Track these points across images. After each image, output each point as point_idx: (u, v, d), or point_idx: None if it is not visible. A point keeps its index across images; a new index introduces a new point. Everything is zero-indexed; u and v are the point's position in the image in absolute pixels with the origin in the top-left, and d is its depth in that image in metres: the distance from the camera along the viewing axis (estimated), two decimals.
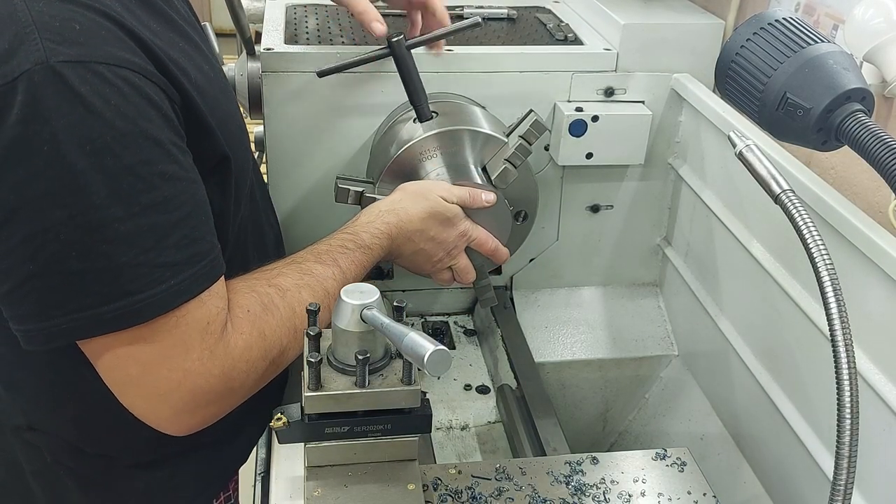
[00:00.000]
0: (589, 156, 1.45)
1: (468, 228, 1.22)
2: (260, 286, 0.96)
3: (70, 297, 0.81)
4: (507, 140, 1.29)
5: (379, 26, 1.27)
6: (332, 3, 1.63)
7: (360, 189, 1.26)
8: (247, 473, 1.36)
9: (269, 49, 1.37)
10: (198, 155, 0.90)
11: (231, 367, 0.90)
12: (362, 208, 1.27)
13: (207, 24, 1.53)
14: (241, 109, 1.46)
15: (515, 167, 1.26)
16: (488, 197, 1.23)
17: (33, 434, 1.06)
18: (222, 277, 0.91)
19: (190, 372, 0.87)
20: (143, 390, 0.88)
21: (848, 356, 0.76)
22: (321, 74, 1.17)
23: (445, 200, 1.19)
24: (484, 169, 1.30)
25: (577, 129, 1.42)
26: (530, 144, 1.25)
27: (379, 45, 1.31)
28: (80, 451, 1.06)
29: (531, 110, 1.27)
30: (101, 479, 1.09)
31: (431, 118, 1.28)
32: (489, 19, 1.59)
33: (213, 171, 0.95)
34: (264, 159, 1.49)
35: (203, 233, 0.88)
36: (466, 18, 1.58)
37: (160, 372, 0.87)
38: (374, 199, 1.25)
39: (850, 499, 0.76)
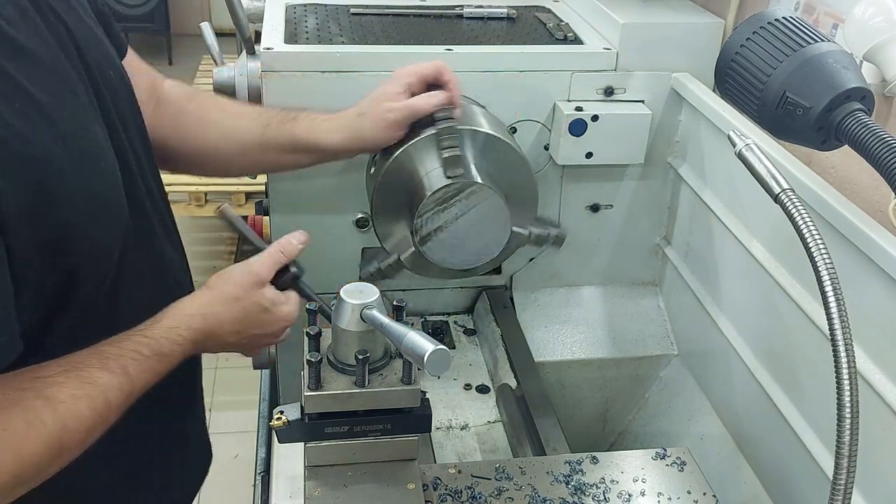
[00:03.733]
0: (589, 155, 1.45)
1: (288, 312, 1.07)
2: (27, 398, 0.83)
3: None
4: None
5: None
6: (331, 3, 1.64)
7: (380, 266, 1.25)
8: (247, 473, 1.36)
9: (268, 48, 1.37)
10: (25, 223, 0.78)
11: None
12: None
13: (207, 24, 1.54)
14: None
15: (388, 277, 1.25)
16: (298, 238, 1.10)
17: None
18: None
19: None
20: None
21: (848, 356, 0.76)
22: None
23: (258, 286, 1.05)
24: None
25: (577, 128, 1.42)
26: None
27: None
28: None
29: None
30: None
31: None
32: (489, 19, 1.59)
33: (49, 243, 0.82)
34: None
35: None
36: (466, 18, 1.59)
37: None
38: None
39: (850, 499, 0.76)
